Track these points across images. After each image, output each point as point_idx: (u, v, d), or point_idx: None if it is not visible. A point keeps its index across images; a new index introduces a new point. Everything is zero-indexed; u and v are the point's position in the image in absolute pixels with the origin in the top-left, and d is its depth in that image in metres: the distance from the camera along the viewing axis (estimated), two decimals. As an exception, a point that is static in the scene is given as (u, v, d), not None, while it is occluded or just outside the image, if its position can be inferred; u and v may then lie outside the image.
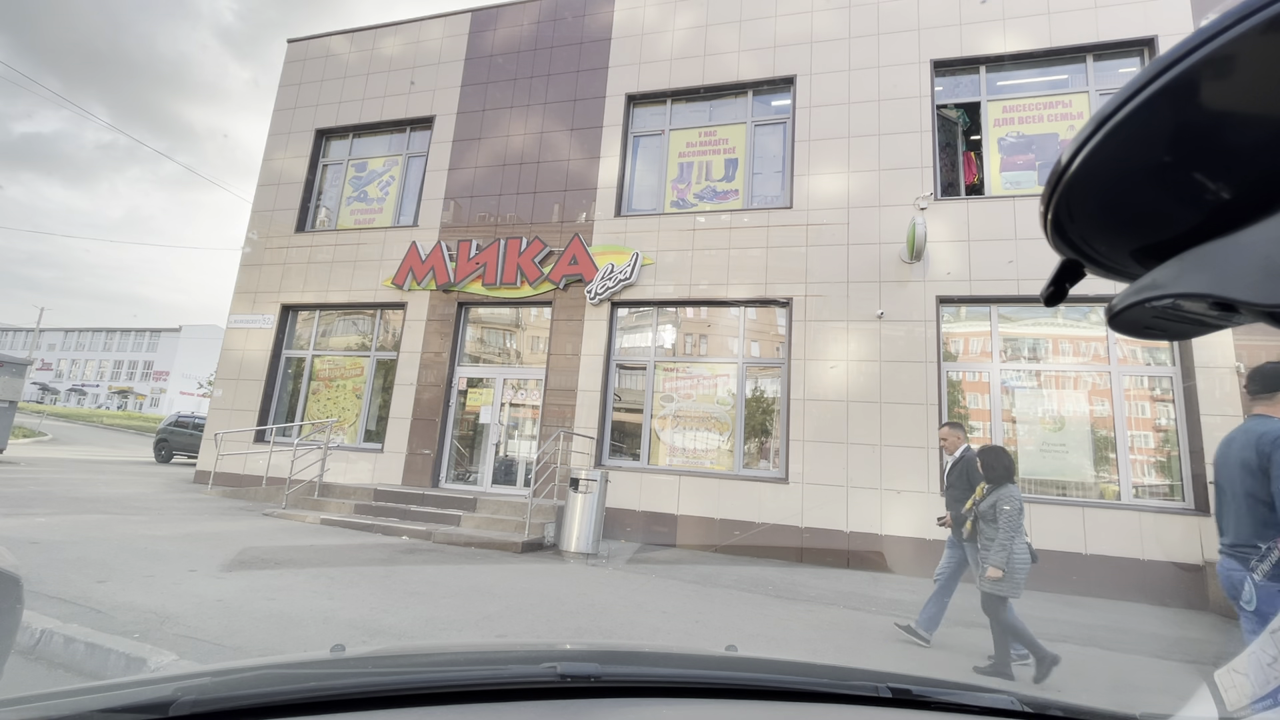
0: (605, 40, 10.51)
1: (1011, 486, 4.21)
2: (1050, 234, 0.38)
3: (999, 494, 4.18)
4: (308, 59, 12.64)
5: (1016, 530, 4.05)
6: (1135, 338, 0.42)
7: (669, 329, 9.44)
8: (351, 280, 10.98)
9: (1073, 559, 7.00)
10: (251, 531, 7.15)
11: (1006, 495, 4.14)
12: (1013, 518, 4.06)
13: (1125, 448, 7.39)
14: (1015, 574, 4.00)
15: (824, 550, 7.77)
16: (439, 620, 4.28)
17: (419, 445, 9.86)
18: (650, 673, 1.11)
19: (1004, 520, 4.06)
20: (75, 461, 14.88)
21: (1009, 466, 4.26)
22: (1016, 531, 4.05)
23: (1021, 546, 4.07)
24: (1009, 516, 4.05)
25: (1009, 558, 3.99)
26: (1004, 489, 4.19)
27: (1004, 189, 8.46)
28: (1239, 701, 0.95)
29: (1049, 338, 7.97)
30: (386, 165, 11.72)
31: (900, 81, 8.85)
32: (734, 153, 9.70)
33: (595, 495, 7.23)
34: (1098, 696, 3.77)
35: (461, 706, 0.93)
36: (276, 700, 0.87)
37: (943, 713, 1.09)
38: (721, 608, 5.39)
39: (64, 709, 0.82)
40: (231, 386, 11.31)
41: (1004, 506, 4.10)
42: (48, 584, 4.29)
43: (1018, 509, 4.09)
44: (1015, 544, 4.05)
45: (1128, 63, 8.38)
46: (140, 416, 43.10)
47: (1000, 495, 4.17)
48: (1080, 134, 0.33)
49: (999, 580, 3.99)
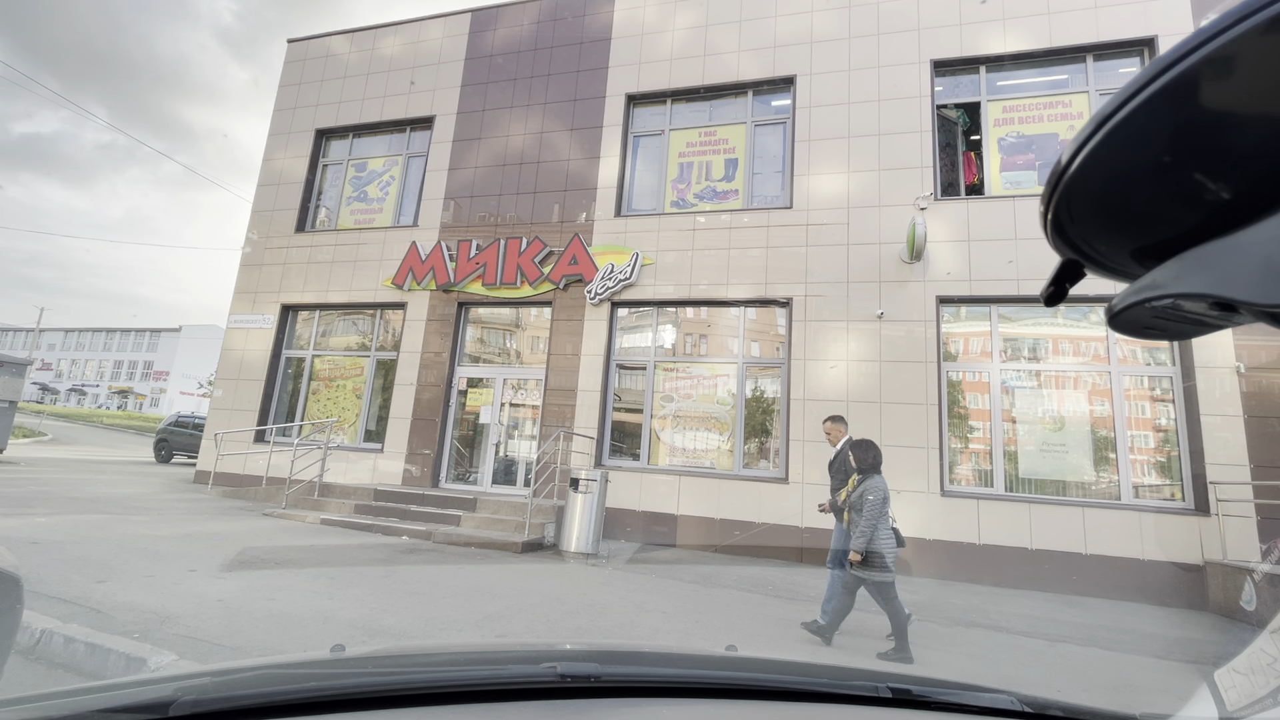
0: (605, 40, 10.52)
1: (878, 477, 4.49)
2: (1050, 234, 0.38)
3: (866, 484, 4.46)
4: (308, 59, 12.64)
5: (880, 518, 4.34)
6: (1135, 338, 0.42)
7: (669, 329, 9.44)
8: (351, 280, 10.98)
9: (1073, 559, 7.00)
10: (251, 531, 7.15)
11: (873, 485, 4.43)
12: (876, 506, 4.35)
13: (1125, 448, 7.39)
14: (882, 558, 4.26)
15: (824, 550, 7.74)
16: (439, 620, 4.28)
17: (419, 445, 9.86)
18: (650, 673, 1.11)
19: (867, 508, 4.35)
20: (75, 461, 14.88)
21: (877, 458, 4.57)
22: (880, 519, 4.34)
23: (887, 533, 4.36)
24: (872, 505, 4.34)
25: (873, 543, 4.27)
26: (871, 479, 4.48)
27: (1004, 189, 8.46)
28: (1239, 701, 0.95)
29: (1049, 338, 7.97)
30: (386, 165, 11.72)
31: (900, 81, 8.85)
32: (734, 153, 9.70)
33: (595, 495, 7.23)
34: (1098, 696, 3.77)
35: (461, 706, 0.93)
36: (276, 700, 0.87)
37: (943, 713, 1.09)
38: (721, 608, 5.39)
39: (64, 709, 0.82)
40: (231, 386, 11.31)
41: (869, 496, 4.39)
42: (48, 584, 4.29)
43: (881, 498, 4.37)
44: (880, 531, 4.34)
45: (1128, 63, 8.39)
46: (140, 416, 43.10)
47: (867, 485, 4.45)
48: (1080, 134, 0.33)
49: (868, 565, 4.25)
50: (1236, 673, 1.07)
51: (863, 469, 4.58)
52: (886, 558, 4.27)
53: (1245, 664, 1.10)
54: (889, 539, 4.34)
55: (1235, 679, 1.06)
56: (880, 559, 4.26)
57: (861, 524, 4.33)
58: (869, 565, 4.28)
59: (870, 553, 4.27)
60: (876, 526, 4.32)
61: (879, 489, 4.41)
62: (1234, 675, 1.07)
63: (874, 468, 4.55)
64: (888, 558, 4.28)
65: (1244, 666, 1.10)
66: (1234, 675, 1.07)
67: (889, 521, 4.42)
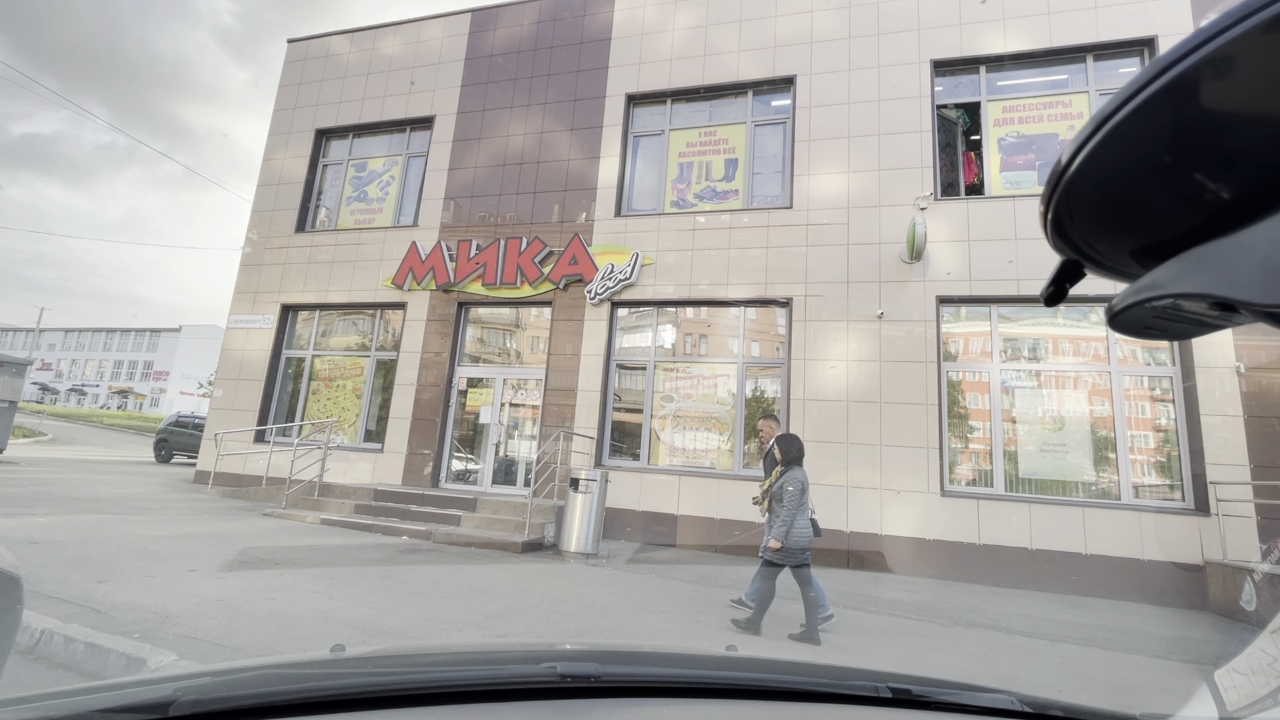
0: (605, 40, 10.52)
1: (798, 470, 4.74)
2: (1050, 234, 0.38)
3: (786, 475, 4.70)
4: (308, 59, 12.64)
5: (797, 508, 4.60)
6: (1135, 338, 0.42)
7: (669, 329, 9.44)
8: (351, 280, 10.98)
9: (1073, 559, 7.00)
10: (251, 531, 7.15)
11: (792, 477, 4.67)
12: (794, 497, 4.60)
13: (1125, 448, 7.39)
14: (793, 547, 4.56)
15: (824, 550, 7.76)
16: (439, 620, 4.28)
17: (419, 445, 9.86)
18: (650, 673, 1.11)
19: (787, 499, 4.61)
20: (75, 461, 14.89)
21: (799, 452, 4.82)
22: (798, 509, 4.60)
23: (804, 523, 4.64)
24: (791, 496, 4.60)
25: (788, 532, 4.54)
26: (791, 471, 4.72)
27: (1004, 189, 8.46)
28: (1239, 701, 0.95)
29: (1049, 338, 7.97)
30: (386, 165, 11.72)
31: (900, 81, 8.85)
32: (734, 153, 9.70)
33: (595, 495, 7.23)
34: (1098, 696, 3.77)
35: (461, 706, 0.93)
36: (276, 700, 0.87)
37: (943, 713, 1.09)
38: (722, 608, 5.39)
39: (64, 709, 0.82)
40: (231, 386, 11.31)
41: (788, 487, 4.64)
42: (48, 584, 4.29)
43: (799, 489, 4.62)
44: (797, 521, 4.60)
45: (1128, 63, 8.39)
46: (140, 416, 43.10)
47: (787, 477, 4.69)
48: (1080, 134, 0.33)
49: (779, 550, 4.54)
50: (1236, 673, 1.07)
51: (785, 461, 4.80)
52: (796, 546, 4.54)
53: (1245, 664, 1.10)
54: (804, 528, 4.61)
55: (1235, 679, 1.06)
56: (790, 546, 4.53)
57: (781, 513, 4.58)
58: (788, 553, 4.55)
59: (790, 541, 4.53)
60: (795, 516, 4.57)
61: (798, 480, 4.65)
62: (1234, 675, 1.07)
63: (795, 460, 4.79)
64: (797, 546, 4.55)
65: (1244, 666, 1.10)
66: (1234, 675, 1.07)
67: (808, 512, 4.69)
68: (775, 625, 4.70)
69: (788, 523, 4.55)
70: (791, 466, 4.75)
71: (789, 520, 4.56)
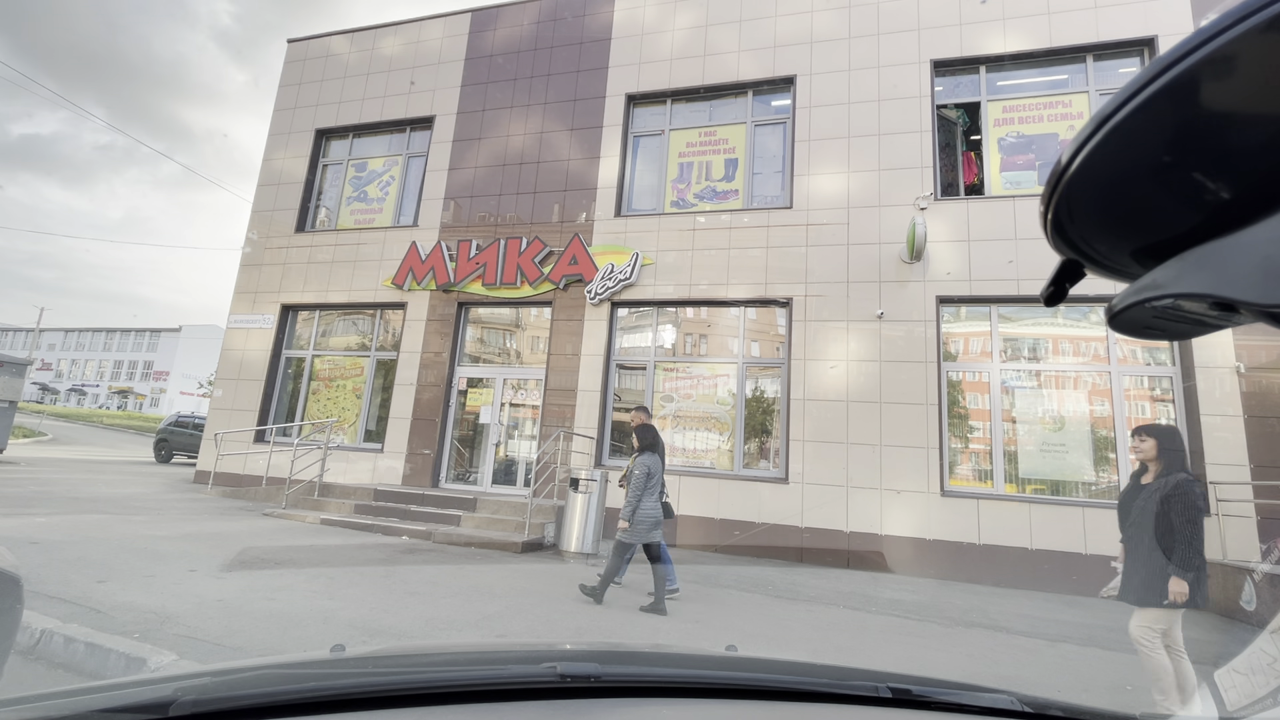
0: (605, 40, 10.52)
1: (648, 456, 5.18)
2: (1050, 234, 0.38)
3: (637, 461, 5.16)
4: (308, 59, 12.64)
5: (643, 490, 5.05)
6: (1135, 338, 0.42)
7: (669, 329, 9.44)
8: (351, 280, 10.98)
9: (1073, 559, 7.00)
10: (251, 531, 7.15)
11: (640, 462, 5.14)
12: (639, 480, 5.06)
13: (1125, 448, 7.39)
14: (638, 526, 5.01)
15: (824, 550, 7.77)
16: (439, 620, 4.28)
17: (419, 445, 9.86)
18: (650, 673, 1.11)
19: (634, 482, 5.07)
20: (75, 461, 14.89)
21: (652, 440, 5.28)
22: (643, 492, 5.05)
23: (652, 505, 5.09)
24: (637, 480, 5.07)
25: (634, 511, 5.01)
26: (641, 457, 5.18)
27: (1004, 189, 8.46)
28: (1239, 701, 0.95)
29: (1049, 338, 7.97)
30: (386, 165, 11.72)
31: (900, 81, 8.85)
32: (734, 153, 9.70)
33: (595, 495, 7.23)
34: (1098, 696, 3.77)
35: (461, 706, 0.93)
36: (276, 700, 0.87)
37: (942, 713, 1.09)
38: (721, 608, 5.39)
39: (64, 709, 0.82)
40: (231, 386, 11.31)
41: (635, 471, 5.10)
42: (48, 584, 4.29)
43: (644, 474, 5.09)
44: (644, 503, 5.05)
45: (1128, 63, 8.39)
46: (140, 416, 43.10)
47: (637, 462, 5.16)
48: (1080, 134, 0.33)
49: (627, 529, 5.02)
50: (1236, 673, 1.08)
51: (640, 448, 5.25)
52: (641, 526, 5.01)
53: (1245, 664, 1.11)
54: (653, 509, 5.08)
55: (1235, 679, 1.06)
56: (635, 525, 5.00)
57: (629, 495, 5.06)
58: (635, 531, 5.01)
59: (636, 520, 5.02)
60: (641, 497, 5.04)
61: (644, 465, 5.12)
62: (1234, 675, 1.07)
63: (649, 448, 5.25)
64: (642, 526, 5.02)
65: (1244, 666, 1.10)
66: (1234, 675, 1.07)
67: (655, 495, 5.14)
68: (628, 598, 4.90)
69: (633, 504, 5.03)
70: (644, 453, 5.21)
71: (634, 501, 5.03)
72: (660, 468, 5.25)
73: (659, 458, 5.29)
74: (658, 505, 5.13)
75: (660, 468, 5.25)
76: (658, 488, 5.16)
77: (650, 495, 5.08)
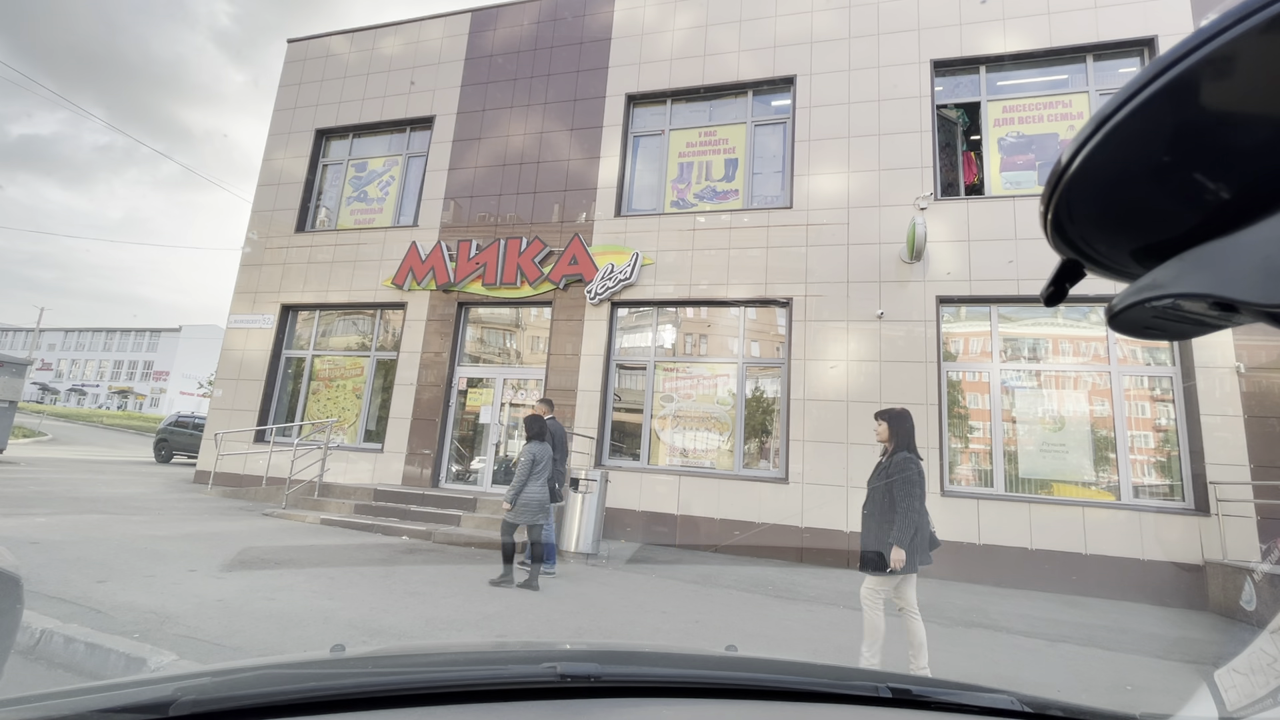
0: (605, 40, 10.51)
1: (534, 444, 5.61)
2: (1050, 234, 0.38)
3: (524, 449, 5.62)
4: (308, 59, 12.64)
5: (527, 476, 5.47)
6: (1135, 338, 0.42)
7: (669, 329, 9.44)
8: (351, 280, 10.98)
9: (1073, 559, 7.00)
10: (251, 531, 7.15)
11: (526, 450, 5.60)
12: (524, 467, 5.49)
13: (1125, 448, 7.39)
14: (522, 509, 5.43)
15: (824, 550, 7.77)
16: (439, 620, 4.28)
17: (419, 445, 9.86)
18: (650, 673, 1.11)
19: (519, 468, 5.53)
20: (75, 461, 14.89)
21: (538, 430, 5.73)
22: (528, 477, 5.47)
23: (537, 489, 5.50)
24: (522, 466, 5.52)
25: (516, 495, 5.41)
26: (528, 445, 5.64)
27: (1004, 189, 8.46)
28: (1239, 701, 0.95)
29: (1049, 338, 7.97)
30: (386, 165, 11.72)
31: (900, 81, 8.85)
32: (734, 153, 9.70)
33: (595, 495, 7.23)
34: (1098, 696, 3.77)
35: (461, 706, 0.93)
36: (277, 700, 0.87)
37: (942, 713, 1.09)
38: (721, 608, 5.39)
39: (64, 709, 0.82)
40: (231, 386, 11.31)
41: (521, 458, 5.58)
42: (48, 584, 4.29)
43: (529, 461, 5.50)
44: (529, 488, 5.47)
45: (1128, 63, 8.38)
46: (140, 416, 43.09)
47: (524, 449, 5.63)
48: (1080, 134, 0.33)
49: (510, 511, 5.43)
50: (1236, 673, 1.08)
51: (528, 436, 5.74)
52: (525, 509, 5.44)
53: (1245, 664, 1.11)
54: (538, 493, 5.52)
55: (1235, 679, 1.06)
56: (519, 508, 5.43)
57: (514, 479, 5.48)
58: (518, 513, 5.45)
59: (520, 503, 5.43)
60: (525, 483, 5.45)
61: (530, 453, 5.55)
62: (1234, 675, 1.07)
63: (536, 437, 5.70)
64: (525, 509, 5.44)
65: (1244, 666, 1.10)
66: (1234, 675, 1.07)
67: (541, 480, 5.57)
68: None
69: (515, 488, 5.43)
70: (530, 441, 5.66)
71: (517, 486, 5.44)
72: (548, 455, 5.68)
73: (548, 447, 5.73)
74: (544, 490, 5.59)
75: (548, 455, 5.68)
76: (544, 474, 5.60)
77: (536, 481, 5.51)
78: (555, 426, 6.34)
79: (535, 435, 5.72)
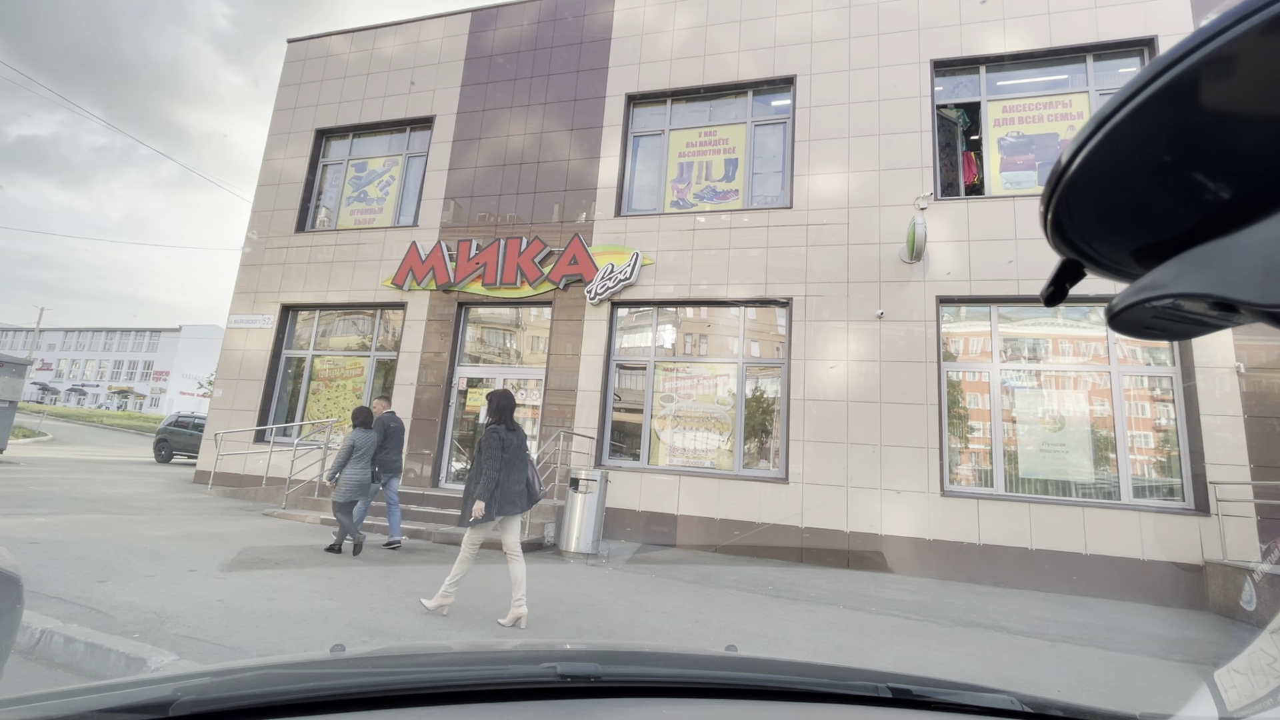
0: (605, 40, 10.51)
1: (356, 432, 6.40)
2: (1050, 234, 0.38)
3: (347, 435, 6.41)
4: (308, 59, 12.64)
5: (345, 459, 6.25)
6: (1135, 338, 0.42)
7: (669, 329, 9.44)
8: (351, 280, 10.98)
9: (1073, 559, 7.00)
10: (251, 531, 7.15)
11: (348, 436, 6.39)
12: (343, 450, 6.30)
13: (1125, 448, 7.39)
14: (342, 487, 6.21)
15: (824, 550, 7.77)
16: (439, 620, 4.28)
17: (419, 445, 9.86)
18: (650, 673, 1.11)
19: (338, 452, 6.31)
20: (75, 461, 14.88)
21: (364, 419, 6.53)
22: (346, 460, 6.24)
23: (356, 473, 6.25)
24: (341, 450, 6.30)
25: (335, 476, 6.22)
26: (352, 432, 6.42)
27: (1004, 189, 8.46)
28: (1239, 701, 0.95)
29: (1049, 338, 7.97)
30: (386, 165, 11.72)
31: (900, 81, 8.85)
32: (734, 153, 9.70)
33: (595, 495, 7.23)
34: (1098, 696, 3.77)
35: (461, 706, 0.93)
36: (276, 700, 0.87)
37: (943, 713, 1.09)
38: (721, 608, 5.39)
39: (64, 709, 0.82)
40: (231, 386, 11.31)
41: (343, 444, 6.33)
42: (48, 584, 4.29)
43: (348, 446, 6.30)
44: (348, 470, 6.23)
45: (1128, 63, 8.38)
46: (140, 416, 43.09)
47: (346, 435, 6.40)
48: (1080, 134, 0.33)
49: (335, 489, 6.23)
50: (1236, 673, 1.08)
51: (353, 424, 6.49)
52: (344, 487, 6.21)
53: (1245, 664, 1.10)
54: (358, 475, 6.26)
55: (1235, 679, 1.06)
56: (340, 486, 6.21)
57: (334, 461, 6.29)
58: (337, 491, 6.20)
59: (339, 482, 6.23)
60: (344, 465, 6.22)
61: (350, 439, 6.32)
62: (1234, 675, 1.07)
63: (361, 425, 6.48)
64: (345, 488, 6.21)
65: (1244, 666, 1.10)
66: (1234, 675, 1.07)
67: (362, 464, 6.32)
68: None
69: (334, 469, 6.24)
70: (356, 429, 6.41)
71: (335, 467, 6.24)
72: (370, 442, 6.43)
73: (373, 434, 6.51)
74: (364, 472, 6.33)
75: (370, 442, 6.43)
76: (365, 459, 6.36)
77: (356, 464, 6.28)
78: (393, 420, 6.92)
79: (360, 423, 6.48)
